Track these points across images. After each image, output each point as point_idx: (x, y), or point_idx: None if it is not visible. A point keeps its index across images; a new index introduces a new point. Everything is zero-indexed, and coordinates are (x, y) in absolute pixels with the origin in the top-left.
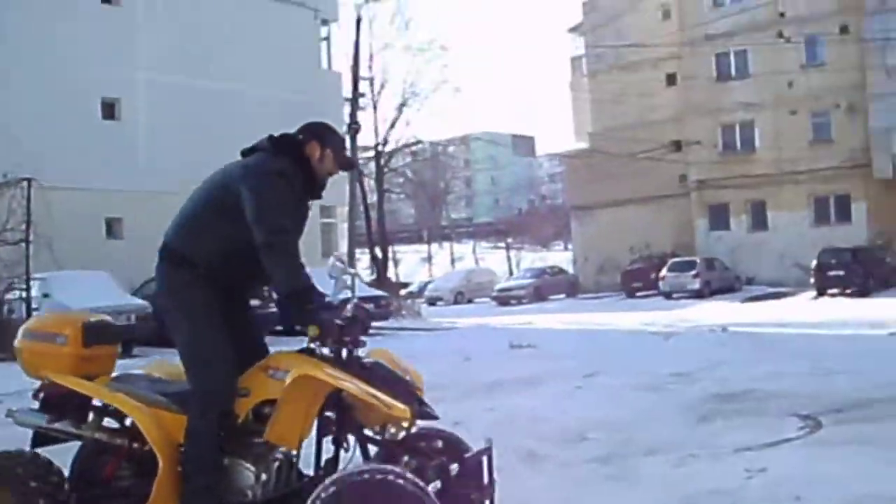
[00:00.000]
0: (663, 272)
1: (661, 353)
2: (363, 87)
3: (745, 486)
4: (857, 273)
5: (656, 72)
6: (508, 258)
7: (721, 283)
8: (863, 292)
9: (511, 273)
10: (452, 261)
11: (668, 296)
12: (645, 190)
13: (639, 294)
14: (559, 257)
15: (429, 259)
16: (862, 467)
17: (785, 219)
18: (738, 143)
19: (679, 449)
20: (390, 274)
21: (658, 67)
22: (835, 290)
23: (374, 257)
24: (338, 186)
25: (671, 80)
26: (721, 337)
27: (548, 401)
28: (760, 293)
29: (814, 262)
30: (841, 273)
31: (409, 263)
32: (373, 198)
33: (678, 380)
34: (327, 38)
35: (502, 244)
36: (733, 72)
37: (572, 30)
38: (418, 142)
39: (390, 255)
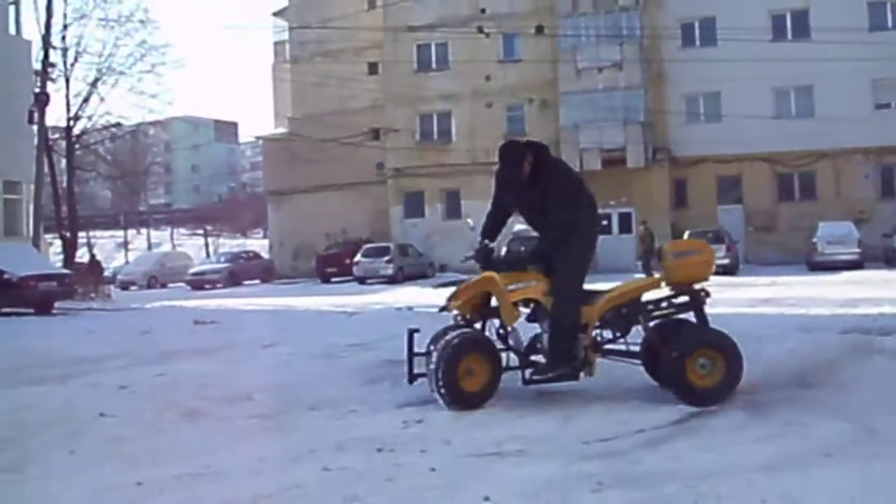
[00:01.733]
0: (357, 258)
1: (343, 328)
2: (55, 57)
3: (399, 434)
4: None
5: (358, 60)
6: (206, 245)
7: (414, 269)
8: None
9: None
10: (149, 247)
11: (361, 281)
12: (343, 177)
13: (334, 279)
14: (258, 245)
15: (125, 245)
16: (501, 417)
17: (478, 207)
18: (436, 133)
19: (342, 405)
20: (84, 260)
21: (360, 56)
22: None
23: (63, 239)
24: (24, 161)
25: (373, 68)
26: (405, 314)
27: (220, 367)
28: (453, 279)
29: (504, 250)
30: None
31: (105, 249)
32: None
33: (354, 349)
34: (15, 2)
35: (201, 231)
36: (434, 63)
37: (277, 14)
38: (116, 124)
39: (85, 239)
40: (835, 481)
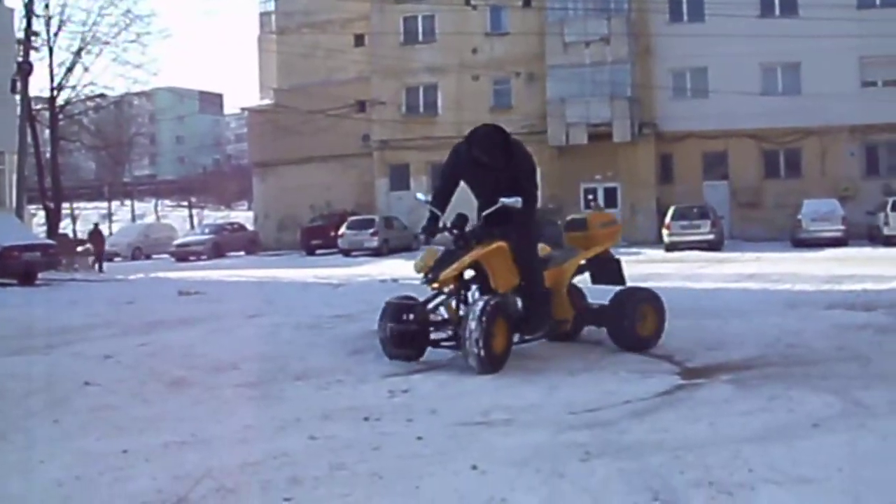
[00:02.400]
0: (342, 230)
1: (328, 299)
2: (38, 25)
3: (385, 403)
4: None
5: (345, 32)
6: (191, 216)
7: (399, 241)
8: None
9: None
10: (133, 218)
11: (346, 253)
12: (328, 149)
13: (318, 252)
14: (243, 217)
15: (109, 216)
16: (487, 387)
17: None
18: (422, 106)
19: (328, 375)
20: (68, 231)
21: (347, 27)
22: None
23: (47, 210)
24: (6, 131)
25: (359, 40)
26: (390, 286)
27: (205, 337)
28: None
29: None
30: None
31: (89, 221)
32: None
33: (339, 320)
34: None
35: (185, 202)
36: (420, 36)
37: None
38: (101, 94)
39: (69, 211)
40: (822, 452)
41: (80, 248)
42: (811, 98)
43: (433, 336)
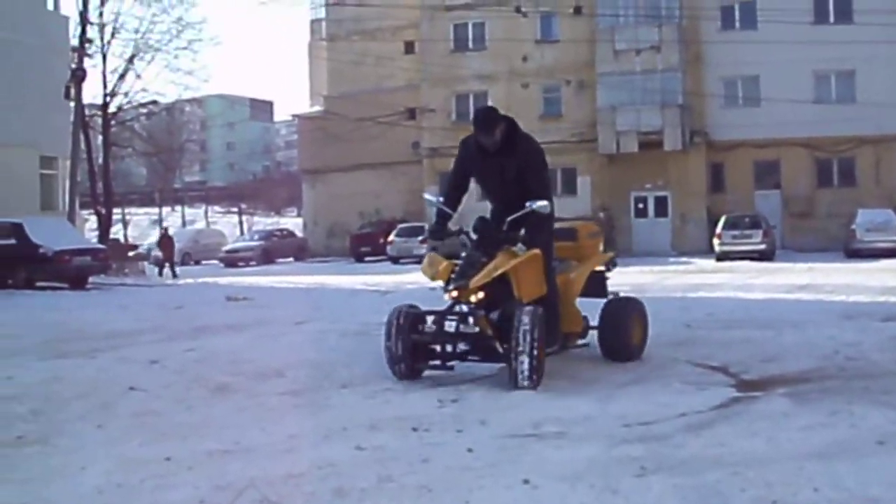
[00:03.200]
0: (391, 237)
1: (375, 306)
2: (92, 33)
3: (434, 413)
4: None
5: (395, 39)
6: (241, 222)
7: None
8: None
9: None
10: (184, 224)
11: (395, 260)
12: (378, 156)
13: (367, 259)
14: (292, 223)
15: (160, 222)
16: (536, 398)
17: None
18: (472, 113)
19: (375, 383)
20: (119, 236)
21: (397, 35)
22: None
23: (98, 215)
24: (60, 137)
25: (409, 47)
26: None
27: (251, 343)
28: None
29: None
30: None
31: (140, 226)
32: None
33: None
34: None
35: (235, 209)
36: (470, 43)
37: None
38: (152, 101)
39: (120, 216)
40: (890, 470)
41: (130, 253)
42: (865, 106)
43: (458, 348)
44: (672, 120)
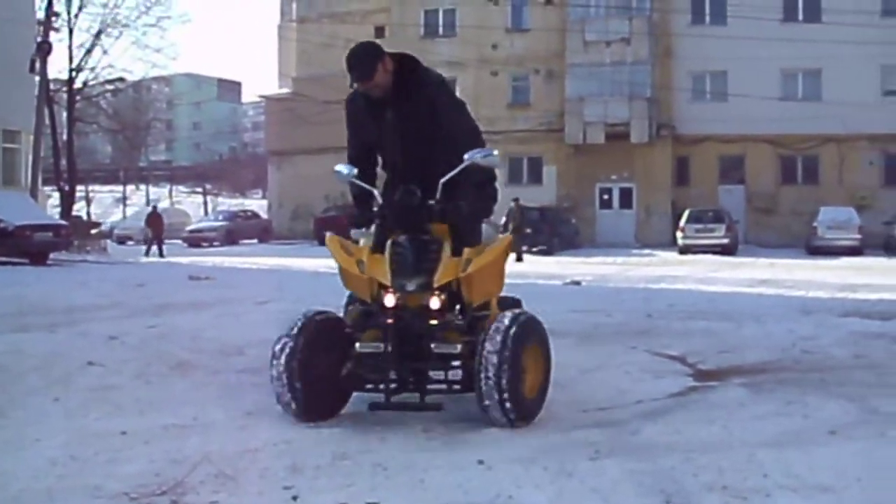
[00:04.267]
0: None
1: (337, 289)
2: (59, 6)
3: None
4: (543, 232)
5: (365, 23)
6: (205, 203)
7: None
8: (548, 250)
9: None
10: (148, 202)
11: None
12: (344, 139)
13: None
14: (257, 205)
15: (123, 200)
16: None
17: None
18: None
19: None
20: (83, 213)
21: (367, 19)
22: (523, 248)
23: (61, 191)
24: (24, 111)
25: (379, 32)
26: None
27: (213, 322)
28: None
29: (502, 220)
30: (528, 231)
31: (103, 204)
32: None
33: None
34: None
35: (200, 189)
36: (441, 29)
37: None
38: (119, 78)
39: (83, 193)
40: (840, 460)
41: (93, 231)
42: (831, 105)
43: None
44: (639, 112)
